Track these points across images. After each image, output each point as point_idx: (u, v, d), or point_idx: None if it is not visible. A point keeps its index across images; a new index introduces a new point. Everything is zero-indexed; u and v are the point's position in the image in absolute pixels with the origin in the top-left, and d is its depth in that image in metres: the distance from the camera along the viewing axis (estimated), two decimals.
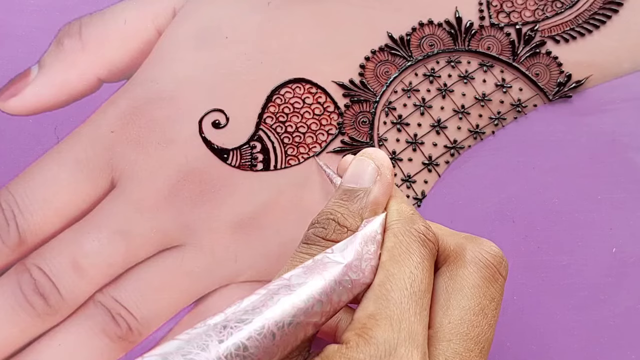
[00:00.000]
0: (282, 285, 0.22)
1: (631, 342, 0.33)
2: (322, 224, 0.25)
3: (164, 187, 0.33)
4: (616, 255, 0.33)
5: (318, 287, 0.22)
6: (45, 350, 0.32)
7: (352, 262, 0.23)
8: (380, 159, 0.27)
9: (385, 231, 0.25)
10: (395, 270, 0.23)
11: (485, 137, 0.34)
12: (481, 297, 0.25)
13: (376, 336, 0.22)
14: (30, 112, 0.34)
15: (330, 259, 0.23)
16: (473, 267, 0.25)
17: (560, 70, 0.35)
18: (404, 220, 0.25)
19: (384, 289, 0.23)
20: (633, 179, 0.34)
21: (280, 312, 0.21)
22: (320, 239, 0.25)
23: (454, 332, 0.24)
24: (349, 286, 0.23)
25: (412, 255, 0.24)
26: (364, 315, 0.22)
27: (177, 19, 0.34)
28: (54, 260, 0.33)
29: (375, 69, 0.35)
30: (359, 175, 0.26)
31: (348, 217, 0.25)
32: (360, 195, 0.26)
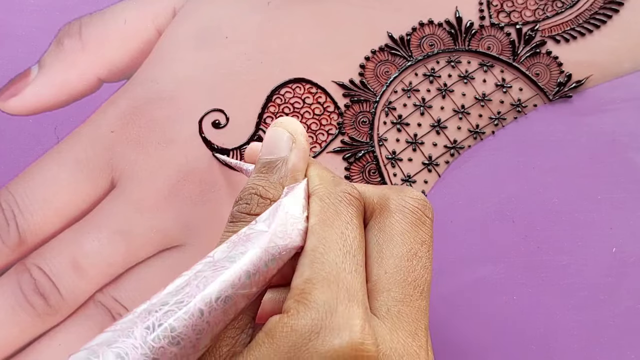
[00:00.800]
0: (207, 263, 0.22)
1: (631, 342, 0.33)
2: (245, 199, 0.25)
3: (164, 187, 0.33)
4: (616, 255, 0.33)
5: (244, 258, 0.22)
6: (46, 350, 0.32)
7: (276, 229, 0.23)
8: (292, 126, 0.27)
9: (310, 197, 0.25)
10: (325, 233, 0.23)
11: (485, 137, 0.34)
12: (411, 242, 0.25)
13: (315, 299, 0.22)
14: (30, 112, 0.34)
15: (254, 229, 0.23)
16: (399, 214, 0.25)
17: (560, 70, 0.35)
18: (327, 183, 0.25)
19: (317, 252, 0.23)
20: (633, 179, 0.34)
21: (205, 288, 0.21)
22: (245, 215, 0.25)
23: (392, 281, 0.24)
24: (276, 253, 0.23)
25: (340, 215, 0.24)
26: (301, 281, 0.22)
27: (177, 18, 0.34)
28: (54, 260, 0.33)
29: (375, 68, 0.35)
30: (274, 145, 0.26)
31: (269, 188, 0.25)
32: (278, 165, 0.26)
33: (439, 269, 0.33)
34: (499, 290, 0.33)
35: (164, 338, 0.19)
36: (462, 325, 0.33)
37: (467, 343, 0.33)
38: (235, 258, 0.22)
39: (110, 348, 0.19)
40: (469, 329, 0.33)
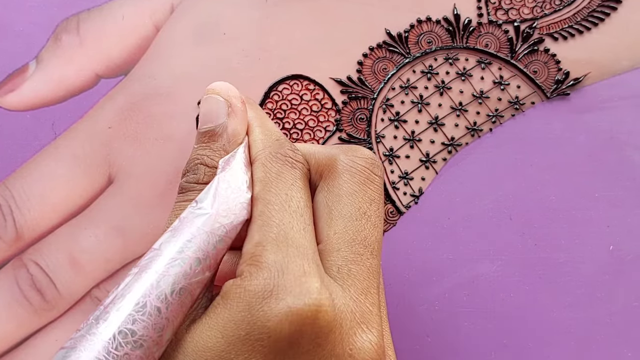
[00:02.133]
0: (153, 257, 0.21)
1: (628, 340, 0.33)
2: (192, 170, 0.25)
3: (161, 183, 0.33)
4: (613, 253, 0.33)
5: (191, 245, 0.21)
6: (42, 346, 0.32)
7: (219, 208, 0.23)
8: (225, 90, 0.27)
9: (254, 162, 0.25)
10: (271, 197, 0.24)
11: (483, 135, 0.34)
12: (360, 201, 0.25)
13: (266, 260, 0.22)
14: (28, 107, 0.34)
15: (196, 213, 0.23)
16: (346, 175, 0.25)
17: (558, 68, 0.34)
18: (269, 147, 0.25)
19: (264, 216, 0.23)
20: (631, 177, 0.34)
21: (158, 284, 0.20)
22: (194, 184, 0.25)
23: (341, 240, 0.24)
24: (223, 233, 0.22)
25: (283, 178, 0.24)
26: (251, 246, 0.23)
27: (175, 15, 0.34)
28: (51, 255, 0.33)
29: (373, 65, 0.35)
30: (210, 113, 0.26)
31: (214, 157, 0.25)
32: (218, 131, 0.26)
33: (435, 267, 0.33)
34: (496, 288, 0.33)
35: (126, 344, 0.19)
36: (459, 322, 0.33)
37: (464, 340, 0.33)
38: (183, 247, 0.21)
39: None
40: (466, 326, 0.33)
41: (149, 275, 0.21)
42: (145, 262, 0.21)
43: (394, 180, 0.34)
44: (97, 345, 0.19)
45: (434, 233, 0.34)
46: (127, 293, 0.20)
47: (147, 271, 0.21)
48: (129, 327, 0.19)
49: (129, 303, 0.20)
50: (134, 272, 0.21)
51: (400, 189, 0.34)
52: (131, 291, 0.20)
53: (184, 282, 0.21)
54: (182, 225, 0.22)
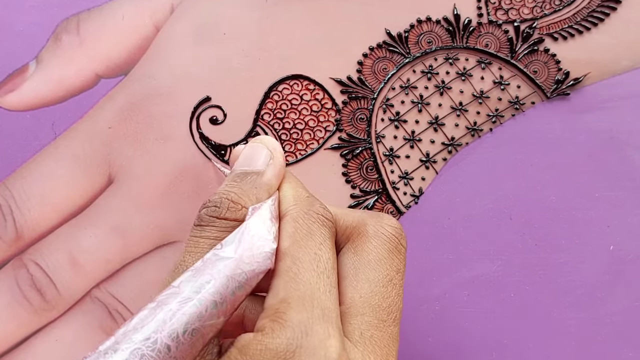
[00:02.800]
0: (171, 294, 0.21)
1: (628, 340, 0.33)
2: (215, 202, 0.25)
3: (161, 183, 0.33)
4: (613, 253, 0.33)
5: (209, 287, 0.21)
6: (42, 346, 0.32)
7: (243, 254, 0.22)
8: (272, 144, 0.27)
9: (284, 217, 0.25)
10: (299, 254, 0.23)
11: (483, 135, 0.34)
12: (387, 268, 0.25)
13: (290, 319, 0.21)
14: (28, 107, 0.34)
15: (219, 255, 0.22)
16: (376, 240, 0.25)
17: (558, 68, 0.34)
18: (301, 204, 0.25)
19: (291, 272, 0.23)
20: (631, 177, 0.34)
21: (171, 322, 0.20)
22: (214, 219, 0.24)
23: (366, 305, 0.24)
24: (243, 280, 0.22)
25: (313, 237, 0.24)
26: (276, 301, 0.22)
27: (175, 15, 0.34)
28: (51, 255, 0.33)
29: (373, 65, 0.35)
30: (251, 158, 0.26)
31: (242, 195, 0.25)
32: (253, 176, 0.26)
33: (436, 267, 0.33)
34: (496, 288, 0.33)
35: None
36: (460, 323, 0.33)
37: (464, 340, 0.33)
38: (201, 288, 0.21)
39: None
40: (466, 326, 0.33)
41: (164, 311, 0.20)
42: (162, 297, 0.21)
43: (394, 180, 0.34)
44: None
45: (434, 233, 0.34)
46: (139, 327, 0.20)
47: (163, 307, 0.20)
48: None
49: (140, 336, 0.20)
50: (150, 306, 0.21)
51: (401, 189, 0.34)
52: (144, 325, 0.20)
53: (197, 324, 0.20)
54: (204, 267, 0.22)
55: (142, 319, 0.20)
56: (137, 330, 0.20)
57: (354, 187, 0.34)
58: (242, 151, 0.27)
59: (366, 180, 0.34)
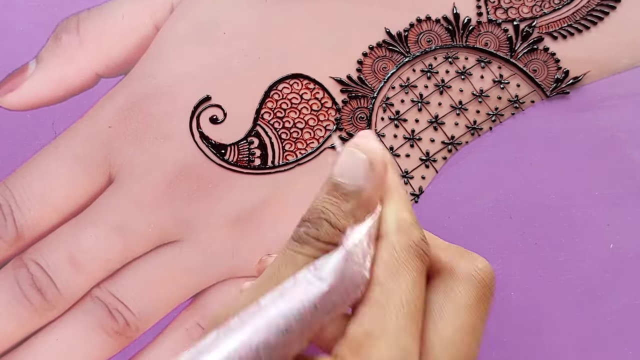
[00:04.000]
0: (259, 316, 0.21)
1: (628, 338, 0.33)
2: (314, 223, 0.24)
3: (162, 183, 0.33)
4: (613, 251, 0.33)
5: (297, 315, 0.21)
6: (43, 345, 0.32)
7: (334, 284, 0.22)
8: (372, 150, 0.25)
9: (381, 240, 0.24)
10: (392, 286, 0.22)
11: (483, 133, 0.34)
12: (474, 316, 0.24)
13: (371, 355, 0.21)
14: (28, 107, 0.34)
15: (311, 280, 0.22)
16: (468, 285, 0.24)
17: (557, 67, 0.35)
18: (402, 231, 0.24)
19: (380, 304, 0.22)
20: (631, 175, 0.34)
21: (256, 347, 0.20)
22: (312, 239, 0.23)
23: (445, 351, 0.23)
24: (330, 309, 0.22)
25: (409, 270, 0.23)
26: (360, 332, 0.22)
27: (175, 14, 0.35)
28: (51, 255, 0.33)
29: (372, 65, 0.35)
30: (349, 169, 0.24)
31: (340, 217, 0.24)
32: (352, 194, 0.24)
33: None
34: (496, 287, 0.33)
35: None
36: None
37: None
38: (290, 314, 0.21)
39: None
40: None
41: (246, 330, 0.20)
42: (248, 317, 0.21)
43: None
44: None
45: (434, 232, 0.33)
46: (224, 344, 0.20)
47: (246, 327, 0.20)
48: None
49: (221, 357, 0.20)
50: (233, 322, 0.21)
51: None
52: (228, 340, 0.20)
53: (280, 351, 0.20)
54: (294, 289, 0.21)
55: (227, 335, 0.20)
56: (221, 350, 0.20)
57: None
58: (341, 156, 0.25)
59: None
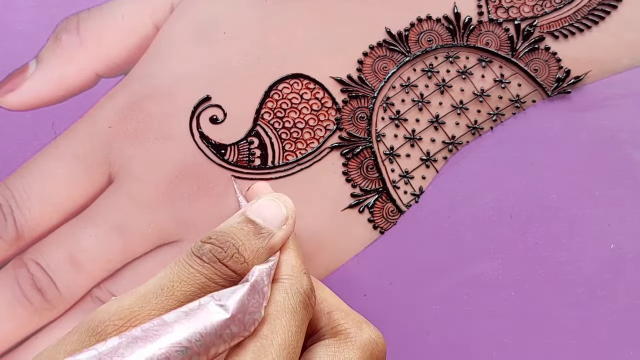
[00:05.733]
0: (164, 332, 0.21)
1: (629, 339, 0.33)
2: (223, 245, 0.25)
3: (162, 183, 0.33)
4: (614, 251, 0.33)
5: (199, 338, 0.22)
6: (43, 345, 0.32)
7: (236, 315, 0.23)
8: (291, 208, 0.28)
9: (275, 282, 0.25)
10: (278, 328, 0.24)
11: (484, 133, 0.34)
12: None
13: None
14: (28, 107, 0.34)
15: (215, 308, 0.23)
16: (359, 353, 0.26)
17: (559, 66, 0.34)
18: (295, 278, 0.26)
19: (265, 341, 0.23)
20: (631, 175, 0.34)
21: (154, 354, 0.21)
22: (216, 260, 0.25)
23: None
24: (227, 339, 0.23)
25: (295, 316, 0.24)
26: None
27: (174, 14, 0.34)
28: (52, 255, 0.33)
29: (373, 64, 0.34)
30: (267, 213, 0.27)
31: (248, 249, 0.25)
32: (264, 234, 0.26)
33: (436, 266, 0.33)
34: (496, 287, 0.33)
35: None
36: (460, 321, 0.33)
37: (465, 339, 0.33)
38: (192, 338, 0.22)
39: None
40: (466, 325, 0.33)
41: (154, 351, 0.21)
42: (152, 331, 0.21)
43: (394, 179, 0.34)
44: None
45: (435, 232, 0.34)
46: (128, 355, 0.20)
47: (153, 345, 0.21)
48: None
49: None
50: (136, 334, 0.21)
51: (401, 188, 0.34)
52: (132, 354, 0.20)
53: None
54: (199, 313, 0.22)
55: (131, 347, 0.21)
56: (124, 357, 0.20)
57: (354, 186, 0.34)
58: (262, 199, 0.27)
59: (366, 179, 0.34)
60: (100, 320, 0.22)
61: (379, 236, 0.34)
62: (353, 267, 0.33)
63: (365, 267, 0.33)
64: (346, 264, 0.33)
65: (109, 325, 0.22)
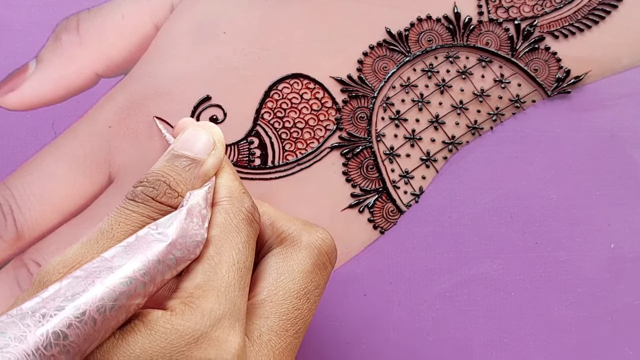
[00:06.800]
0: (104, 268, 0.21)
1: (628, 339, 0.33)
2: (152, 183, 0.25)
3: None
4: (614, 251, 0.33)
5: (141, 267, 0.22)
6: None
7: (176, 240, 0.23)
8: (216, 132, 0.28)
9: (215, 206, 0.26)
10: (224, 246, 0.24)
11: (484, 133, 0.34)
12: (308, 282, 0.26)
13: (202, 306, 0.22)
14: (28, 107, 0.34)
15: (154, 236, 0.23)
16: (307, 252, 0.26)
17: (559, 66, 0.34)
18: (234, 198, 0.26)
19: (212, 261, 0.23)
20: (632, 175, 0.34)
21: (102, 297, 0.20)
22: (149, 199, 0.25)
23: (274, 310, 0.25)
24: (172, 264, 0.23)
25: (240, 233, 0.25)
26: (191, 286, 0.23)
27: (174, 14, 0.34)
28: (52, 255, 0.33)
29: (373, 64, 0.34)
30: (193, 144, 0.27)
31: (180, 182, 0.26)
32: (192, 165, 0.26)
33: (436, 266, 0.33)
34: (496, 286, 0.33)
35: (55, 346, 0.19)
36: (460, 321, 0.33)
37: (465, 339, 0.33)
38: (133, 266, 0.22)
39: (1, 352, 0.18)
40: (467, 325, 0.33)
41: (97, 286, 0.21)
42: (92, 269, 0.21)
43: (394, 179, 0.34)
44: (29, 338, 0.19)
45: (435, 232, 0.34)
46: (70, 295, 0.20)
47: (95, 281, 0.21)
48: (63, 329, 0.19)
49: (71, 307, 0.20)
50: (78, 274, 0.21)
51: (401, 188, 0.34)
52: (75, 295, 0.20)
53: (124, 301, 0.21)
54: (138, 244, 0.22)
55: (73, 286, 0.20)
56: (68, 299, 0.20)
57: (354, 186, 0.34)
58: (185, 132, 0.27)
59: (366, 179, 0.34)
60: (46, 272, 0.22)
61: (379, 236, 0.34)
62: (353, 267, 0.33)
63: (365, 267, 0.33)
64: (346, 264, 0.33)
65: (54, 274, 0.22)
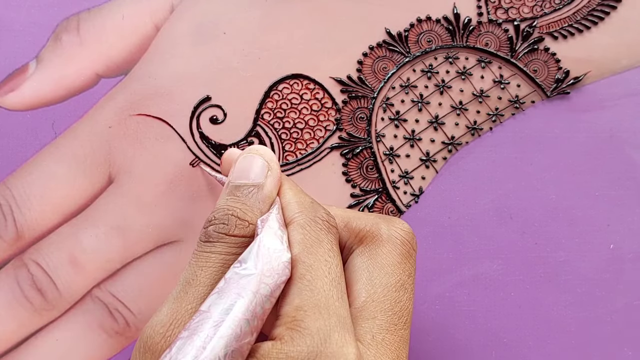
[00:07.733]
0: (203, 319, 0.21)
1: (628, 339, 0.33)
2: (221, 219, 0.25)
3: (162, 183, 0.33)
4: (613, 251, 0.33)
5: (240, 307, 0.21)
6: (43, 346, 0.32)
7: (263, 268, 0.23)
8: (267, 154, 0.27)
9: (290, 224, 0.25)
10: (311, 261, 0.24)
11: (483, 134, 0.34)
12: (400, 273, 0.26)
13: (309, 326, 0.22)
14: (28, 107, 0.34)
15: (240, 273, 0.22)
16: (390, 245, 0.26)
17: (558, 67, 0.35)
18: (306, 210, 0.26)
19: (305, 280, 0.23)
20: (631, 176, 0.34)
21: (212, 349, 0.20)
22: (223, 235, 0.25)
23: (378, 309, 0.25)
24: (268, 293, 0.22)
25: (322, 243, 0.25)
26: (292, 309, 0.23)
27: (175, 14, 0.34)
28: (52, 255, 0.33)
29: (373, 65, 0.35)
30: (249, 171, 0.27)
31: (247, 211, 0.25)
32: (254, 190, 0.26)
33: (436, 266, 0.33)
34: (496, 287, 0.33)
35: None
36: (460, 321, 0.33)
37: (465, 339, 0.33)
38: (231, 308, 0.21)
39: None
40: (466, 325, 0.33)
41: (200, 338, 0.20)
42: (195, 325, 0.21)
43: (394, 180, 0.34)
44: None
45: (434, 232, 0.34)
46: (180, 357, 0.20)
47: (199, 334, 0.20)
48: None
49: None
50: (184, 335, 0.21)
51: (401, 188, 0.34)
52: (185, 355, 0.20)
53: (235, 345, 0.21)
54: (228, 286, 0.22)
55: (180, 348, 0.20)
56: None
57: (354, 187, 0.34)
58: (238, 162, 0.27)
59: (366, 179, 0.34)
60: (148, 337, 0.22)
61: None
62: None
63: None
64: None
65: (156, 337, 0.22)
